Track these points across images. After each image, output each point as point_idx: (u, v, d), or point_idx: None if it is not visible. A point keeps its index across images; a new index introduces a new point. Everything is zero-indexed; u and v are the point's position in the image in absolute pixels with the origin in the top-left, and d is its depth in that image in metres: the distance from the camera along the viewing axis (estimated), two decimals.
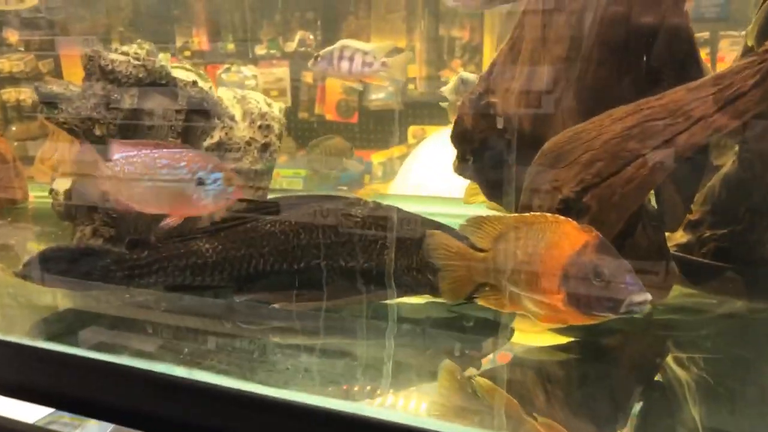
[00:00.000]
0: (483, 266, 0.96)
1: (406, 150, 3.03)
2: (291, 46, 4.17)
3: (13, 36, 4.29)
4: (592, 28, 1.04)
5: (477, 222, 0.96)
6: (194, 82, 1.20)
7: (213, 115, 1.20)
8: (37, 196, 1.79)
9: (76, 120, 1.18)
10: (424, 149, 2.32)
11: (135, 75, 1.19)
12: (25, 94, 4.47)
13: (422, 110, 3.52)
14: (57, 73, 4.37)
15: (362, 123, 4.07)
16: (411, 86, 4.19)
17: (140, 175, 1.02)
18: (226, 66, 4.27)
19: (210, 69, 4.32)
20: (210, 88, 1.34)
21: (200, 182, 1.03)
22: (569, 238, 0.85)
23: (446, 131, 2.48)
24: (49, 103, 1.20)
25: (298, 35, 4.13)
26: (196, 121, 1.20)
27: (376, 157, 3.39)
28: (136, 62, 1.19)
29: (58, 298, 1.19)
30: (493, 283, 0.96)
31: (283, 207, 1.16)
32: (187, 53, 4.24)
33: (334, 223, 1.13)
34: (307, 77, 4.21)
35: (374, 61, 1.38)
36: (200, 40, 4.24)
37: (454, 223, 1.30)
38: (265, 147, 1.20)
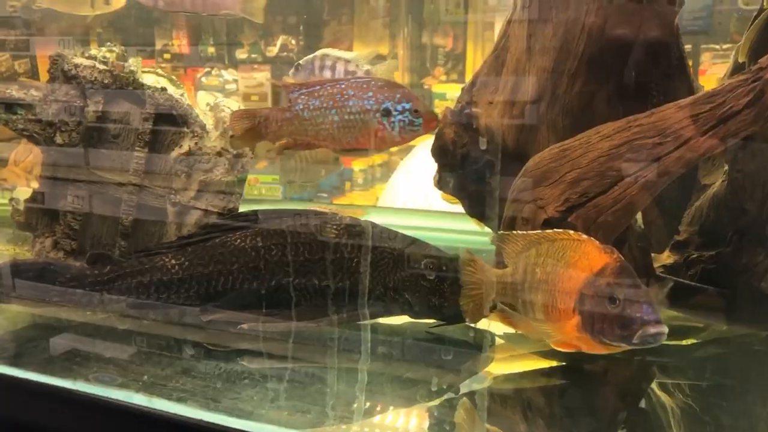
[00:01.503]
0: (501, 284, 0.91)
1: (387, 157, 2.98)
2: (272, 50, 4.12)
3: None
4: (580, 40, 1.00)
5: (503, 238, 0.92)
6: (163, 89, 1.14)
7: (182, 123, 1.14)
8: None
9: (36, 126, 1.12)
10: (416, 159, 2.25)
11: (100, 81, 1.13)
12: None
13: None
14: (33, 74, 4.28)
15: None
16: None
17: (325, 109, 0.95)
18: (207, 69, 4.22)
19: (190, 72, 4.26)
20: (182, 94, 1.28)
21: (386, 113, 0.96)
22: (589, 259, 0.80)
23: None
24: (8, 108, 1.13)
25: (280, 40, 4.08)
26: (164, 129, 1.14)
27: (357, 164, 3.34)
28: (102, 67, 1.13)
29: (13, 315, 1.13)
30: (511, 302, 0.91)
31: (253, 221, 1.11)
32: (167, 56, 4.17)
33: (307, 239, 1.07)
34: (289, 82, 4.14)
35: (357, 69, 1.33)
36: (180, 43, 4.18)
37: (446, 238, 1.25)
38: (237, 158, 1.14)
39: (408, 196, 2.23)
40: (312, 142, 1.00)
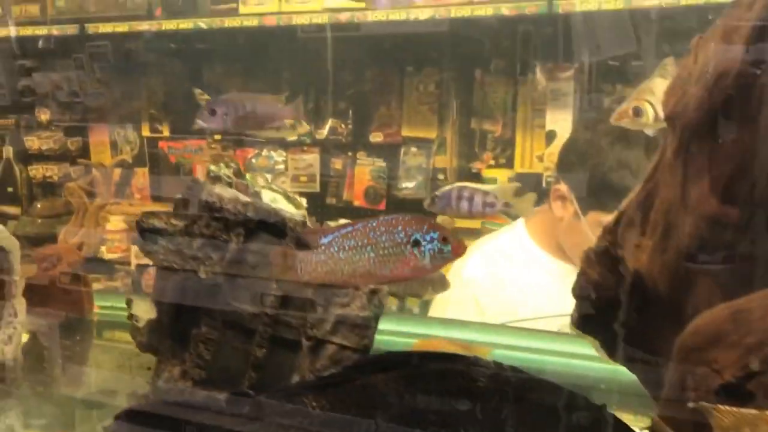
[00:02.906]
0: None
1: None
2: (322, 133, 4.19)
3: (44, 115, 4.32)
4: (749, 188, 0.98)
5: (705, 410, 0.87)
6: (304, 223, 1.13)
7: None
8: (101, 306, 1.69)
9: (177, 258, 1.11)
10: (467, 267, 2.22)
11: (243, 213, 1.12)
12: (52, 171, 4.47)
13: None
14: (84, 153, 4.39)
15: (390, 211, 4.03)
16: (441, 176, 4.18)
17: (360, 248, 0.99)
18: (256, 151, 4.29)
19: (240, 153, 4.33)
20: (303, 215, 1.28)
21: (416, 244, 0.99)
22: None
23: (505, 234, 2.40)
24: (150, 238, 1.13)
25: (329, 123, 4.15)
26: None
27: None
28: (245, 199, 1.13)
29: None
30: None
31: (395, 364, 1.07)
32: (218, 137, 4.25)
33: (454, 387, 1.04)
34: (337, 164, 4.22)
35: (496, 201, 1.36)
36: None
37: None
38: (373, 292, 1.12)
39: (458, 307, 2.19)
40: (348, 280, 1.03)
